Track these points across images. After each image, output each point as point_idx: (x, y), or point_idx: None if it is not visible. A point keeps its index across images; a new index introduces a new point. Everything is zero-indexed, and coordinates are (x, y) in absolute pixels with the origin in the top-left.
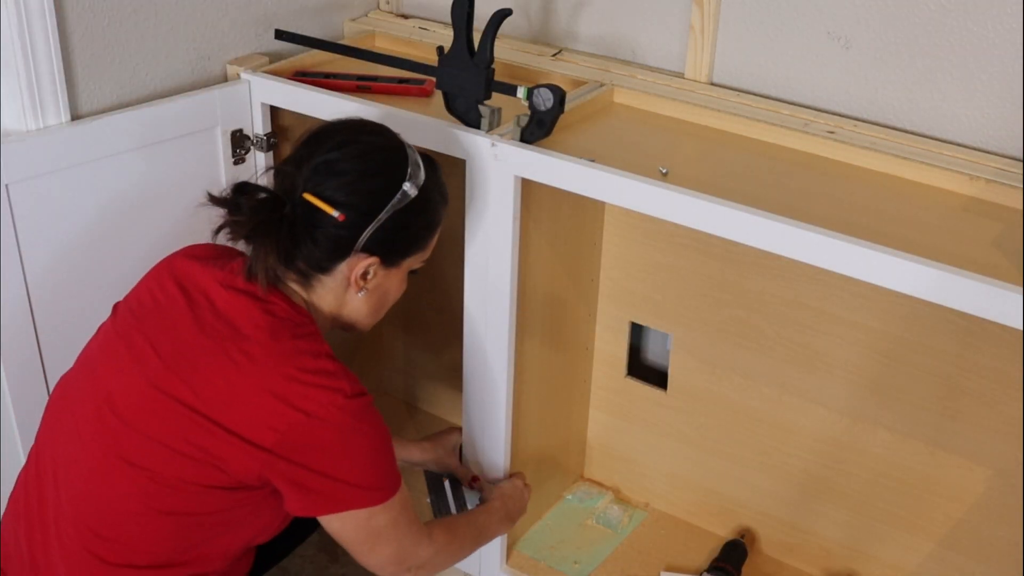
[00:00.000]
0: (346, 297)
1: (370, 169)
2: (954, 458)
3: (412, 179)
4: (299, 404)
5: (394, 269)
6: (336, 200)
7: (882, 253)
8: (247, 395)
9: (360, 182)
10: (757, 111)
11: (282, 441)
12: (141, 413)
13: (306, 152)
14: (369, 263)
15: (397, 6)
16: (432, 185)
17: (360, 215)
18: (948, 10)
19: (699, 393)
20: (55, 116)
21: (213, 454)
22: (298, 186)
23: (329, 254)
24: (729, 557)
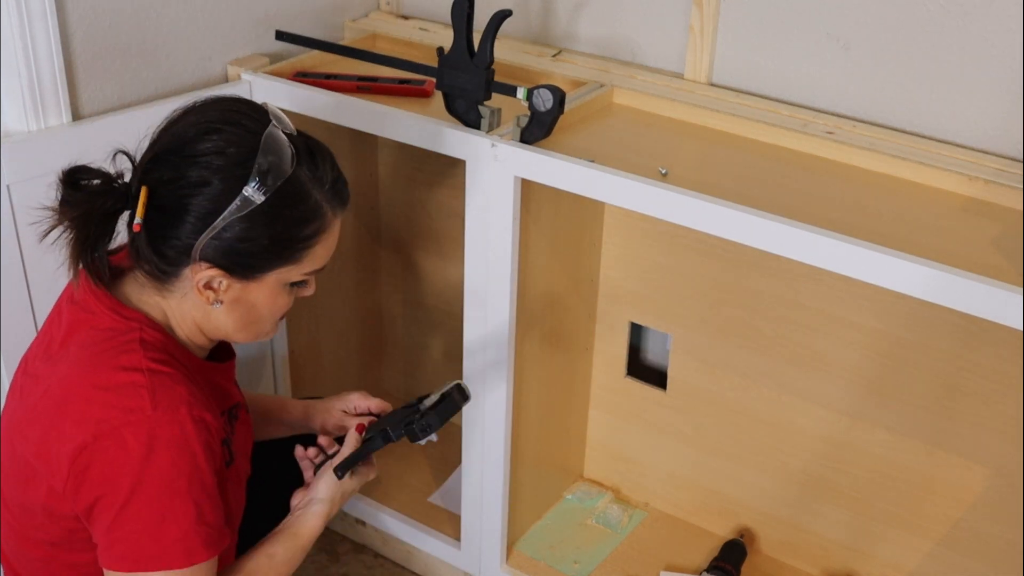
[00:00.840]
0: (206, 308)
1: (209, 166)
2: (953, 458)
3: (259, 182)
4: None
5: (253, 282)
6: (167, 201)
7: (882, 253)
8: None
9: (194, 183)
10: (756, 112)
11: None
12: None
13: (157, 135)
14: (210, 274)
15: (397, 7)
16: (299, 189)
17: (197, 220)
18: (948, 11)
19: (699, 393)
20: (56, 116)
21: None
22: (136, 175)
23: (164, 257)
24: (728, 557)
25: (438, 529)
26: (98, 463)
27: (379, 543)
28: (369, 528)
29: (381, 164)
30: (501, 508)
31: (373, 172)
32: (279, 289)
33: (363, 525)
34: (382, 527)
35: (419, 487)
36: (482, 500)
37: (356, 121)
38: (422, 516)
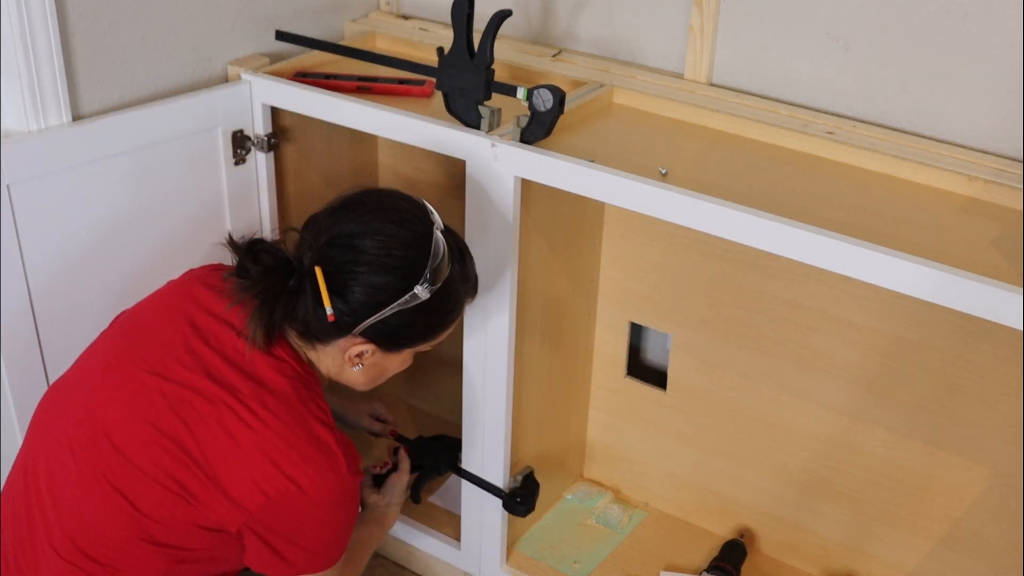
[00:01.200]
0: (343, 366)
1: (385, 264)
2: (953, 458)
3: (428, 281)
4: (293, 474)
5: (395, 353)
6: (341, 287)
7: (882, 253)
8: (244, 453)
9: (370, 275)
10: (756, 112)
11: (266, 505)
12: (139, 449)
13: (329, 221)
14: (365, 348)
15: (397, 7)
16: (453, 287)
17: (362, 307)
18: (948, 11)
19: (699, 393)
20: (56, 116)
21: (201, 500)
22: (310, 256)
23: (326, 332)
24: (728, 557)
25: (438, 529)
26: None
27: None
28: None
29: (381, 164)
30: (501, 508)
31: (373, 172)
32: (409, 357)
33: None
34: None
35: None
36: (482, 500)
37: (356, 121)
38: (422, 516)
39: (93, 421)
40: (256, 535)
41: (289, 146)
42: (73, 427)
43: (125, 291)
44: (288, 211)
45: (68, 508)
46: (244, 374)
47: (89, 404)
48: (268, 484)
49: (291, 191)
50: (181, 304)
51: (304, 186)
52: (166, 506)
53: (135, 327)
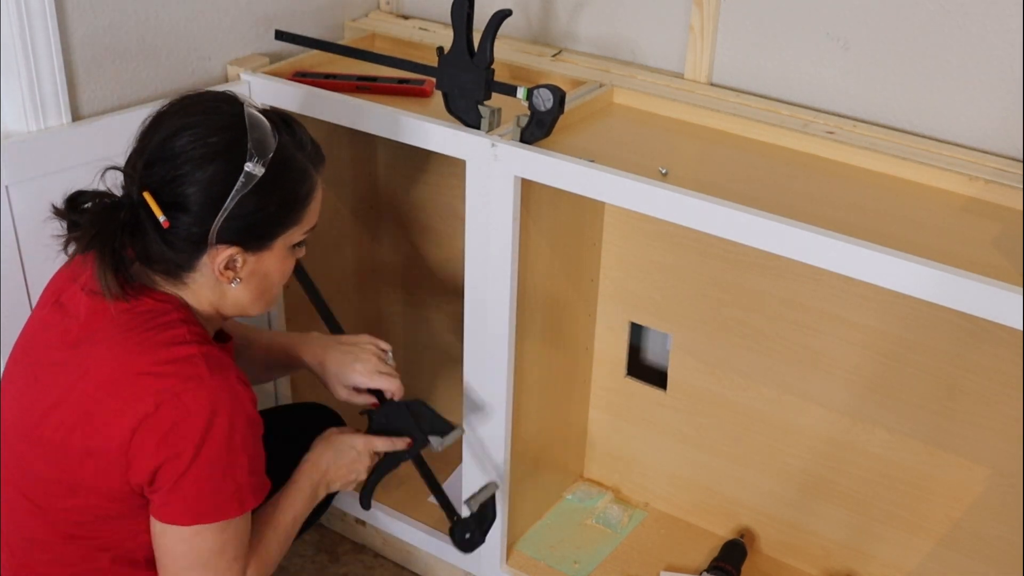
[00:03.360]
0: (222, 289)
1: (205, 154)
2: (953, 458)
3: (256, 156)
4: (152, 398)
5: (266, 252)
6: (174, 198)
7: (882, 253)
8: (91, 400)
9: (196, 172)
10: (757, 111)
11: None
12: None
13: (140, 144)
14: (229, 253)
15: (397, 7)
16: (288, 155)
17: (204, 208)
18: (948, 11)
19: (699, 393)
20: (56, 117)
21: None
22: (135, 184)
23: (183, 253)
24: (729, 557)
25: (438, 529)
26: (161, 431)
27: (379, 543)
28: (369, 528)
29: (381, 164)
30: (501, 508)
31: (373, 172)
32: (285, 253)
33: (363, 525)
34: (382, 527)
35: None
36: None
37: (356, 121)
38: (422, 516)
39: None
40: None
41: None
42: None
43: None
44: None
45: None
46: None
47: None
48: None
49: None
50: (48, 294)
51: None
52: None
53: (23, 332)
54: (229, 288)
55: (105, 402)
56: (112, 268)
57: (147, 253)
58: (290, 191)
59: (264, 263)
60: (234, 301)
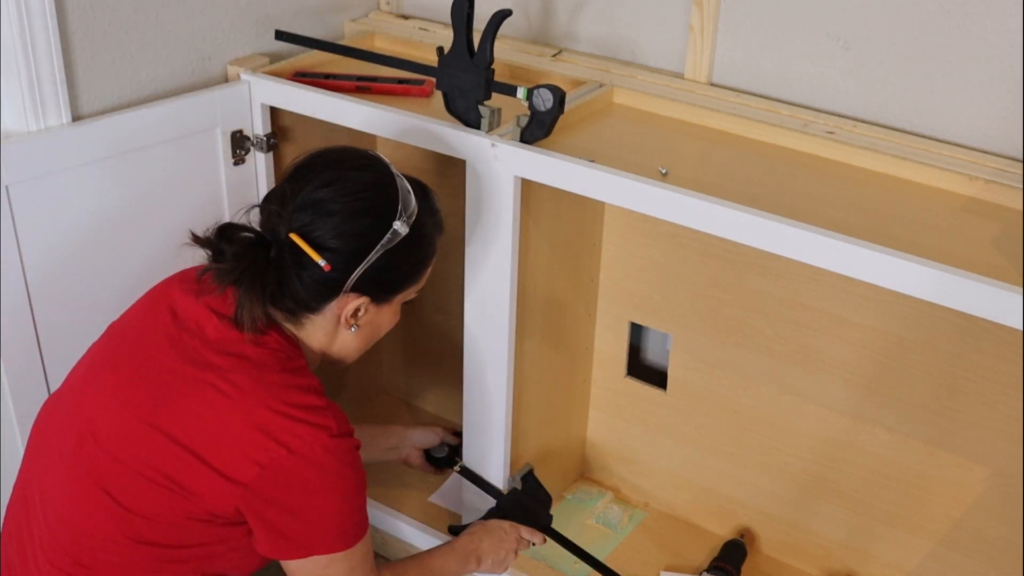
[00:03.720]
0: (336, 333)
1: (358, 208)
2: (953, 458)
3: (403, 216)
4: (283, 439)
5: (386, 305)
6: (322, 243)
7: (882, 253)
8: (231, 427)
9: (348, 223)
10: (757, 111)
11: (262, 476)
12: (124, 444)
13: (291, 188)
14: (359, 303)
15: (397, 7)
16: (425, 217)
17: (348, 257)
18: (948, 10)
19: (699, 393)
20: (56, 117)
21: (191, 489)
22: (283, 225)
23: (317, 295)
24: (729, 557)
25: (438, 529)
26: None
27: (379, 543)
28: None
29: None
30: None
31: None
32: (398, 308)
33: None
34: (382, 527)
35: (419, 487)
36: (482, 499)
37: (356, 121)
38: (422, 516)
39: (79, 424)
40: (258, 516)
41: (288, 146)
42: (62, 434)
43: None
44: None
45: (59, 515)
46: (225, 353)
47: (76, 409)
48: (259, 453)
49: None
50: (161, 302)
51: None
52: (155, 500)
53: (119, 330)
54: (343, 333)
55: (238, 430)
56: (260, 303)
57: (280, 291)
58: (421, 252)
59: (382, 315)
60: (342, 346)
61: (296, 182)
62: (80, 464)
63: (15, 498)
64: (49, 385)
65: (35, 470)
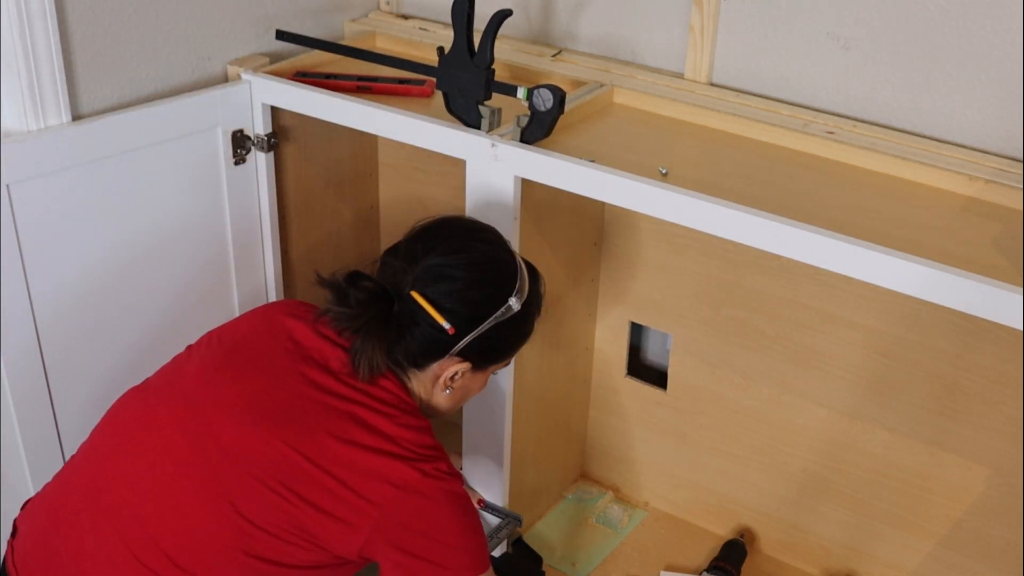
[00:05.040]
0: (432, 392)
1: (481, 279)
2: (953, 458)
3: (518, 293)
4: (419, 465)
5: (480, 373)
6: (443, 306)
7: (882, 253)
8: (370, 453)
9: (469, 291)
10: (757, 111)
11: (397, 499)
12: (254, 457)
13: (419, 249)
14: (461, 368)
15: (397, 7)
16: (533, 298)
17: (463, 322)
18: (948, 11)
19: (699, 393)
20: (56, 116)
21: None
22: (407, 283)
23: (428, 354)
24: (729, 557)
25: None
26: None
27: None
28: None
29: (381, 164)
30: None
31: (373, 172)
32: (488, 378)
33: None
34: None
35: None
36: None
37: (356, 121)
38: None
39: (196, 426)
40: (392, 544)
41: (289, 146)
42: (169, 431)
43: (124, 291)
44: (288, 211)
45: (160, 514)
46: (354, 387)
47: (192, 411)
48: (395, 475)
49: (291, 191)
50: (276, 324)
51: (304, 186)
52: (279, 517)
53: (230, 341)
54: (438, 394)
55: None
56: (381, 353)
57: (396, 345)
58: (524, 330)
59: (475, 381)
60: (435, 404)
61: (424, 243)
62: (197, 468)
63: (67, 480)
64: (50, 384)
65: (109, 462)
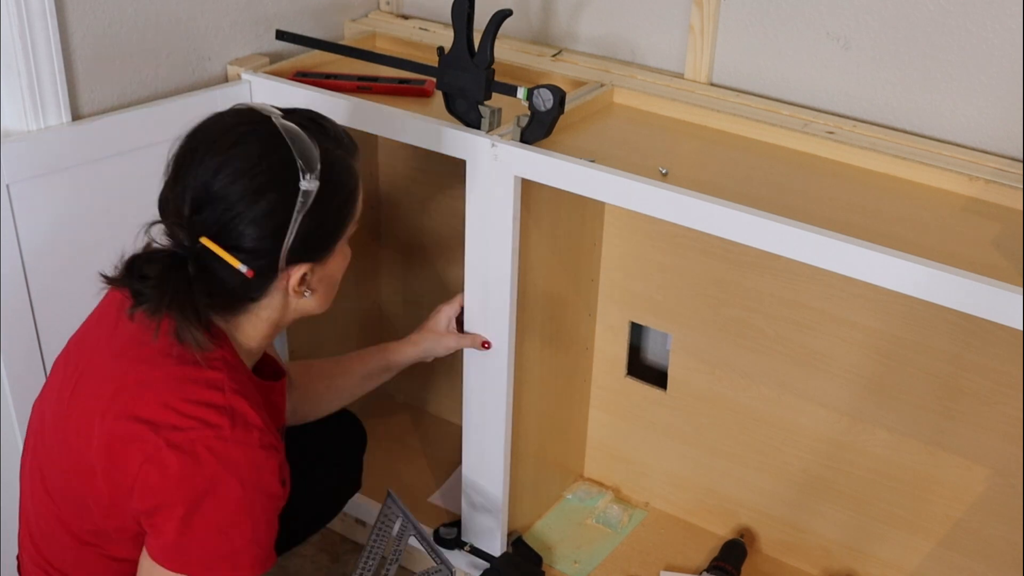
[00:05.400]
0: (289, 304)
1: (257, 188)
2: (953, 458)
3: (307, 172)
4: (168, 436)
5: (331, 256)
6: (237, 242)
7: (882, 253)
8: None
9: (252, 209)
10: (757, 111)
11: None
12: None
13: (178, 184)
14: (302, 272)
15: (397, 7)
16: (332, 157)
17: (268, 242)
18: (948, 11)
19: (699, 393)
20: (56, 116)
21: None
22: (188, 234)
23: (252, 287)
24: (729, 556)
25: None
26: (166, 472)
27: None
28: (369, 528)
29: (381, 164)
30: (501, 508)
31: (373, 172)
32: (344, 248)
33: (363, 525)
34: None
35: (419, 487)
36: (482, 500)
37: (356, 121)
38: (422, 516)
39: (36, 425)
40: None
41: None
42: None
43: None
44: None
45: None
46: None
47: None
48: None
49: None
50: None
51: None
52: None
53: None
54: (299, 302)
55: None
56: (198, 323)
57: (213, 292)
58: (344, 192)
59: (330, 266)
60: (300, 310)
61: (179, 178)
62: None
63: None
64: None
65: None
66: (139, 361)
